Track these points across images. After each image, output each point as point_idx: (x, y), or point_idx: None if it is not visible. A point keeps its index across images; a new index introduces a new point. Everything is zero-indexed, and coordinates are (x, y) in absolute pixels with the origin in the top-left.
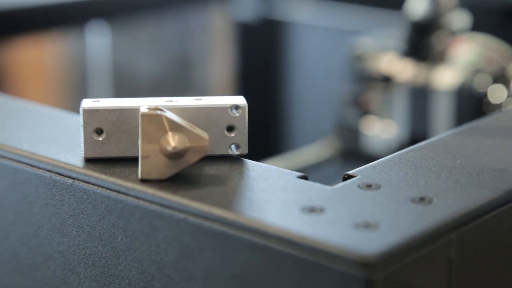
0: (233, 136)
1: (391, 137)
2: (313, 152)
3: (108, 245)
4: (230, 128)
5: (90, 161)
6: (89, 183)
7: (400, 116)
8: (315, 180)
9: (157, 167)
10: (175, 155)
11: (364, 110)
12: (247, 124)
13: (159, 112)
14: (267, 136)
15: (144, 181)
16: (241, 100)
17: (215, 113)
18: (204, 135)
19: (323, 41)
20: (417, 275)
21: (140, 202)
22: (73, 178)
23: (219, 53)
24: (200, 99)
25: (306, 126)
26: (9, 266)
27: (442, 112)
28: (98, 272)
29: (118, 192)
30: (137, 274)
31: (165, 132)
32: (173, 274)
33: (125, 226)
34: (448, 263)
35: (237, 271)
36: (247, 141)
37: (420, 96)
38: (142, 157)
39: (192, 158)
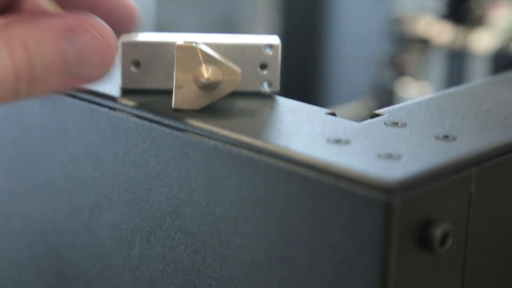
0: (265, 74)
1: None
2: (349, 111)
3: (140, 171)
4: (263, 66)
5: (126, 92)
6: (124, 111)
7: (436, 78)
8: None
9: (190, 97)
10: (208, 87)
11: (400, 72)
12: (279, 63)
13: (194, 44)
14: (305, 94)
15: (177, 110)
16: (275, 40)
17: (249, 50)
18: (237, 69)
19: (363, 4)
20: (435, 205)
21: (173, 130)
22: (109, 107)
23: (262, 15)
24: (235, 37)
25: (344, 86)
26: (47, 192)
27: (478, 75)
28: (130, 197)
29: (152, 120)
30: (167, 199)
31: (199, 64)
32: (201, 199)
33: (157, 152)
34: (468, 197)
35: (262, 195)
36: (279, 79)
37: (457, 59)
38: (176, 87)
39: (225, 90)
